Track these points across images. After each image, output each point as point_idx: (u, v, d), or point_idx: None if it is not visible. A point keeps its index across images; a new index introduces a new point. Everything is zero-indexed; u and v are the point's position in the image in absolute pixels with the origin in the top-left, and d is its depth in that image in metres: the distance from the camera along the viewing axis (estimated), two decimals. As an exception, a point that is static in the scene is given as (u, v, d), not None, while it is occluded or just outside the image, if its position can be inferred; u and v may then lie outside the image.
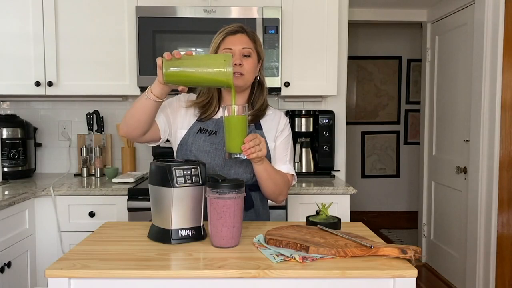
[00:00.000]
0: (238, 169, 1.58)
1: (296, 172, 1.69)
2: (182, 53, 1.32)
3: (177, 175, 1.24)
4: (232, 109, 1.34)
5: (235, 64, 1.53)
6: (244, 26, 1.60)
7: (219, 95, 1.65)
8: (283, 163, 1.64)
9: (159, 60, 1.33)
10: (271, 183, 1.54)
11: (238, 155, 1.37)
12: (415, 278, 1.08)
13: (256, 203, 1.64)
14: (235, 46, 1.55)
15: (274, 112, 1.70)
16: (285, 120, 1.69)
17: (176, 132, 1.62)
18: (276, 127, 1.66)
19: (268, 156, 1.58)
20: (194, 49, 2.45)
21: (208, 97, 1.63)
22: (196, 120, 1.63)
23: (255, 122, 1.63)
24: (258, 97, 1.65)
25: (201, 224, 1.32)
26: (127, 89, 2.53)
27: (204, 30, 2.41)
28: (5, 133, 2.59)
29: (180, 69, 1.32)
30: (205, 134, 1.59)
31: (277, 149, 1.65)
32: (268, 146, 1.58)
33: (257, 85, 1.65)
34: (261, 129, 1.63)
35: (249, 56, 1.56)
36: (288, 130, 1.69)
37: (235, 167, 1.58)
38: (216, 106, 1.63)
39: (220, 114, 1.64)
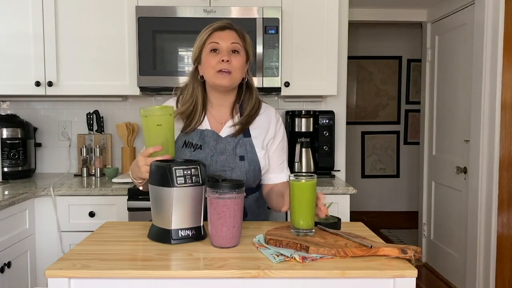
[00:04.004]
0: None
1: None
2: (150, 150, 1.32)
3: (177, 175, 1.24)
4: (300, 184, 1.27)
5: (222, 61, 1.45)
6: (233, 23, 1.52)
7: (203, 99, 1.54)
8: (281, 171, 1.59)
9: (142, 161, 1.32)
10: (281, 200, 1.45)
11: (309, 232, 1.29)
12: (415, 278, 1.08)
13: (251, 208, 1.57)
14: (223, 41, 1.47)
15: (264, 112, 1.59)
16: (275, 123, 1.58)
17: None
18: (265, 132, 1.56)
19: (257, 166, 1.52)
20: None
21: (192, 103, 1.52)
22: (180, 132, 1.53)
23: (244, 131, 1.52)
24: (248, 100, 1.56)
25: (201, 224, 1.32)
26: (127, 89, 2.53)
27: (204, 30, 2.40)
28: (5, 133, 2.58)
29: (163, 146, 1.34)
30: (190, 149, 1.50)
31: (272, 157, 1.57)
32: (257, 155, 1.52)
33: (246, 87, 1.56)
34: (250, 136, 1.54)
35: (237, 52, 1.48)
36: (281, 134, 1.59)
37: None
38: (201, 114, 1.53)
39: (204, 125, 1.53)
